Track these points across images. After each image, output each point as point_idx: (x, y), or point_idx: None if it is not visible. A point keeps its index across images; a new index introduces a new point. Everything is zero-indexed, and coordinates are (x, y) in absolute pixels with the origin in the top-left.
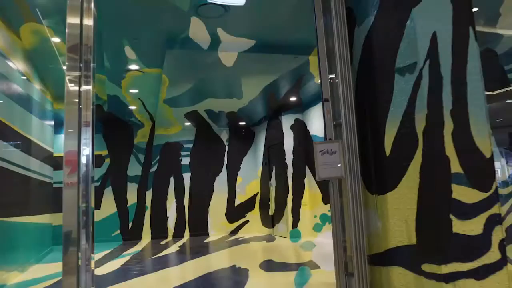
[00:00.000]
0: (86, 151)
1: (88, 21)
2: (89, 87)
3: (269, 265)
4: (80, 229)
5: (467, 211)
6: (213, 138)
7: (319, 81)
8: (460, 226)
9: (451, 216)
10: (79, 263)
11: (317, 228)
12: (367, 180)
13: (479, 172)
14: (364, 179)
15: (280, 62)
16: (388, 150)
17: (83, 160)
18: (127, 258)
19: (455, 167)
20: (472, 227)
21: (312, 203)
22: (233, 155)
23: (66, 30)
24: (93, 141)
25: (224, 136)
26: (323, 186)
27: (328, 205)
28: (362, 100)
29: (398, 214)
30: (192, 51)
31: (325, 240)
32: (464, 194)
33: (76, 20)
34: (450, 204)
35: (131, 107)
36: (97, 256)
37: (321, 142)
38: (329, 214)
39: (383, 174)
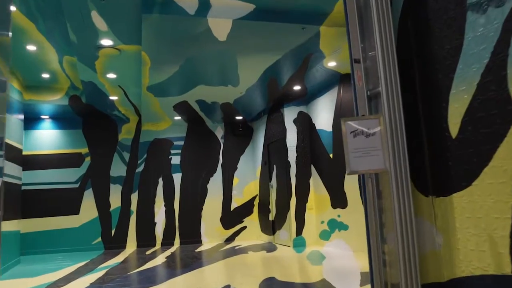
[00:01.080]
0: None
1: None
2: None
3: (271, 286)
4: None
5: None
6: (207, 134)
7: (347, 34)
8: None
9: None
10: None
11: (325, 236)
12: (419, 175)
13: None
14: (413, 173)
15: (284, 35)
16: (454, 129)
17: None
18: (102, 272)
19: None
20: None
21: (319, 207)
22: (229, 154)
23: None
24: None
25: (219, 132)
26: (332, 187)
27: (338, 210)
28: (409, 58)
29: (475, 226)
30: (175, 18)
31: (335, 250)
32: None
33: None
34: None
35: (112, 98)
36: (67, 270)
37: (354, 119)
38: (338, 219)
39: (446, 166)
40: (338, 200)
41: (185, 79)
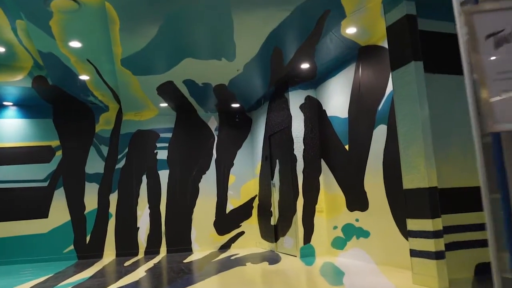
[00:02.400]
0: None
1: None
2: None
3: None
4: None
5: None
6: (198, 125)
7: None
8: None
9: None
10: None
11: (338, 244)
12: None
13: None
14: None
15: None
16: None
17: None
18: None
19: None
20: None
21: (331, 209)
22: (224, 148)
23: None
24: None
25: (213, 123)
26: (348, 185)
27: (356, 213)
28: None
29: None
30: None
31: (352, 262)
32: None
33: None
34: None
35: (82, 77)
36: None
37: (491, 6)
38: (356, 224)
39: None
40: (356, 200)
41: (168, 49)
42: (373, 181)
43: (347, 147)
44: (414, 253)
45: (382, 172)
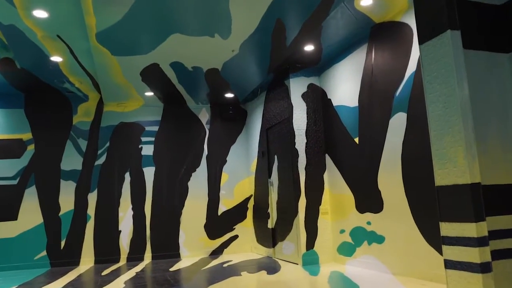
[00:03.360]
0: None
1: None
2: None
3: None
4: None
5: None
6: (188, 118)
7: None
8: None
9: None
10: None
11: (346, 250)
12: None
13: None
14: None
15: None
16: None
17: None
18: None
19: None
20: None
21: (337, 210)
22: (216, 143)
23: None
24: None
25: (204, 116)
26: (357, 184)
27: (367, 215)
28: None
29: None
30: None
31: (364, 270)
32: None
33: None
34: None
35: (54, 59)
36: None
37: None
38: (368, 228)
39: None
40: (368, 201)
41: (150, 21)
42: (389, 178)
43: (356, 140)
44: (450, 264)
45: (400, 167)
